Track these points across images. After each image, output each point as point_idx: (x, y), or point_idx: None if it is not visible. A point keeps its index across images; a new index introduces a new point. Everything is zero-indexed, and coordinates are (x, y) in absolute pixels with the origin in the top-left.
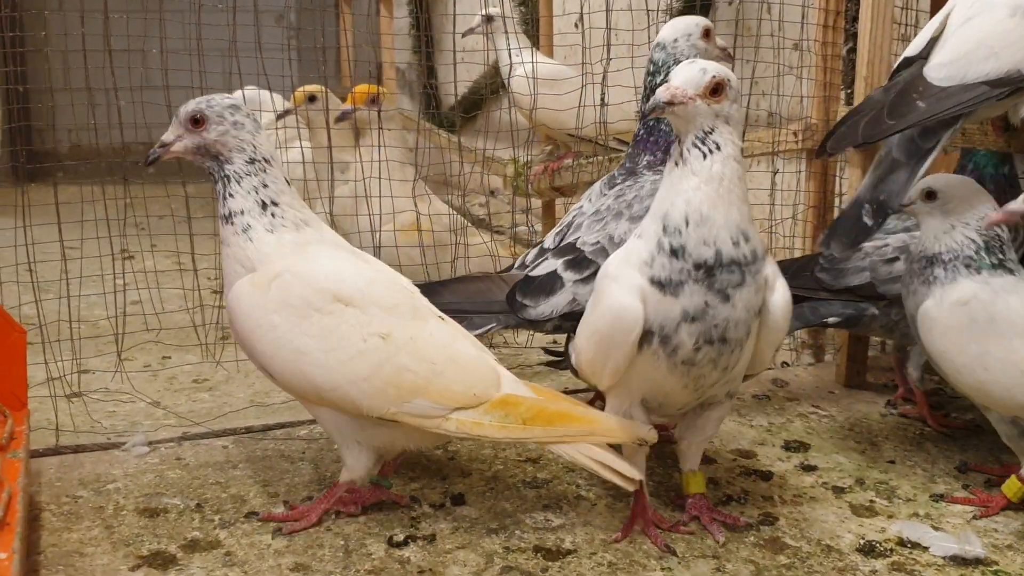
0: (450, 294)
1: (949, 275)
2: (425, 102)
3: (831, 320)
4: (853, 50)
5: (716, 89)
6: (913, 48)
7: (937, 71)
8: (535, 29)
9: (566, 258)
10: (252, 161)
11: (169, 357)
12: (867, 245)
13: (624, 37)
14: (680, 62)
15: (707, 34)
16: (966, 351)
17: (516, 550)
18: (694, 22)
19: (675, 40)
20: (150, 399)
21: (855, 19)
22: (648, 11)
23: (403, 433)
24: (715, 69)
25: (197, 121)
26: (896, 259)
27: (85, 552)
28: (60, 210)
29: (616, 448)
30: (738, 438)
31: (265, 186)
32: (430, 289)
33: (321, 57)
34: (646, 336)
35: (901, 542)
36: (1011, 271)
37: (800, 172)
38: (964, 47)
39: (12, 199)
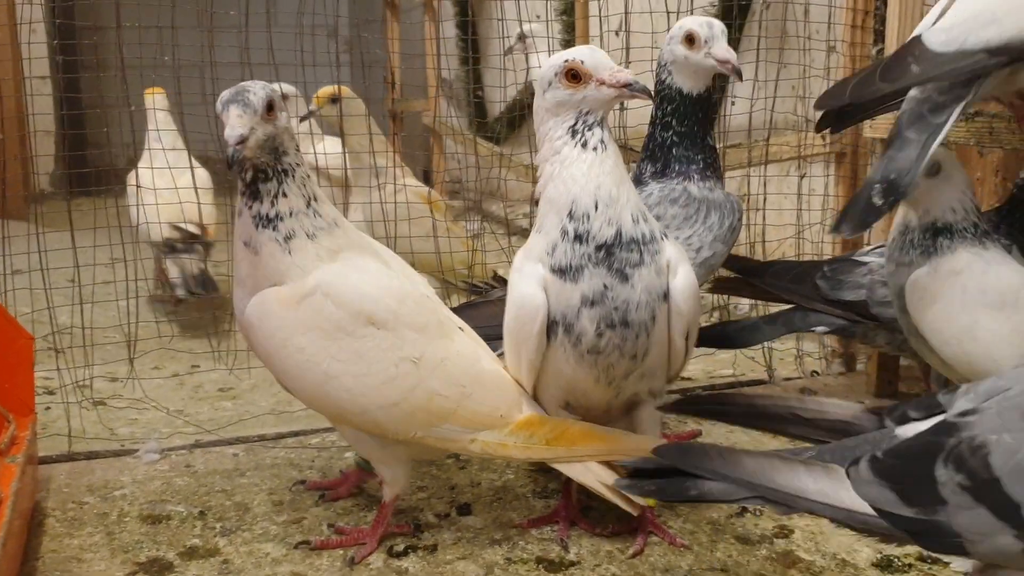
0: (478, 318)
1: (954, 244)
2: (472, 112)
3: (819, 329)
4: (882, 51)
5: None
6: (923, 25)
7: (936, 36)
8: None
9: None
10: (298, 149)
11: (198, 366)
12: (873, 261)
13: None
14: (664, 66)
15: (689, 40)
16: (956, 321)
17: (518, 561)
18: (678, 26)
19: (667, 42)
20: (172, 407)
21: (884, 19)
22: (668, 12)
23: (423, 449)
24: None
25: (271, 108)
26: (884, 283)
27: (83, 558)
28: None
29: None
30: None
31: (308, 176)
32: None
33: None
34: (552, 328)
35: (921, 557)
36: (997, 241)
37: (828, 176)
38: (966, 12)
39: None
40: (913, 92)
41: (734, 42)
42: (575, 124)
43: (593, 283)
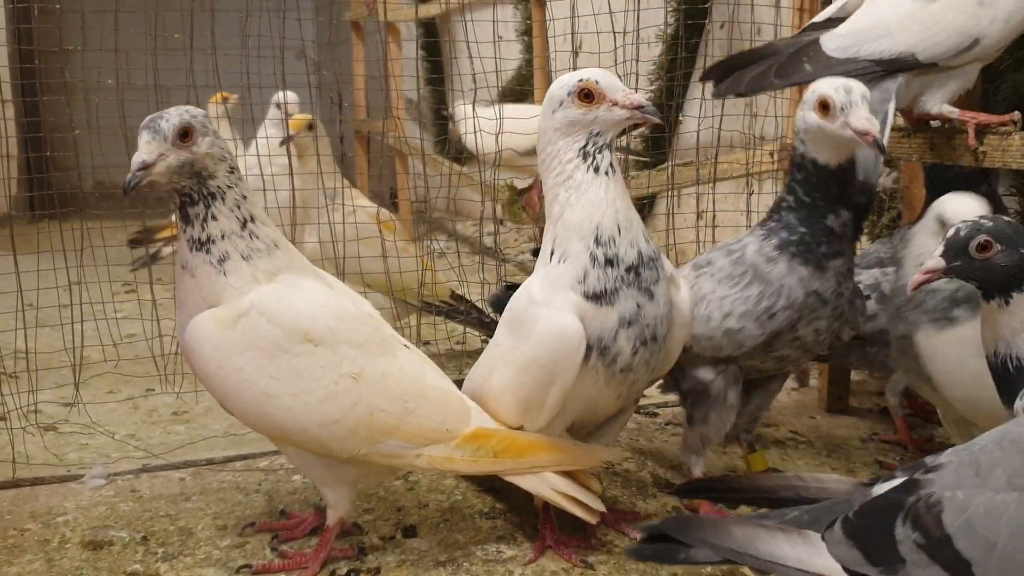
0: None
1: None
2: (437, 132)
3: None
4: None
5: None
6: (825, 14)
7: (833, 41)
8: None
9: None
10: (232, 170)
11: (153, 389)
12: None
13: (605, 60)
14: (797, 134)
15: (823, 107)
16: (967, 366)
17: None
18: (811, 91)
19: (800, 107)
20: (125, 431)
21: None
22: (624, 32)
23: (369, 470)
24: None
25: (185, 134)
26: (868, 297)
27: None
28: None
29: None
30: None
31: (244, 197)
32: None
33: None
34: (586, 353)
35: None
36: None
37: (776, 193)
38: (863, 23)
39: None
40: None
41: (688, 61)
42: (586, 146)
43: (628, 304)
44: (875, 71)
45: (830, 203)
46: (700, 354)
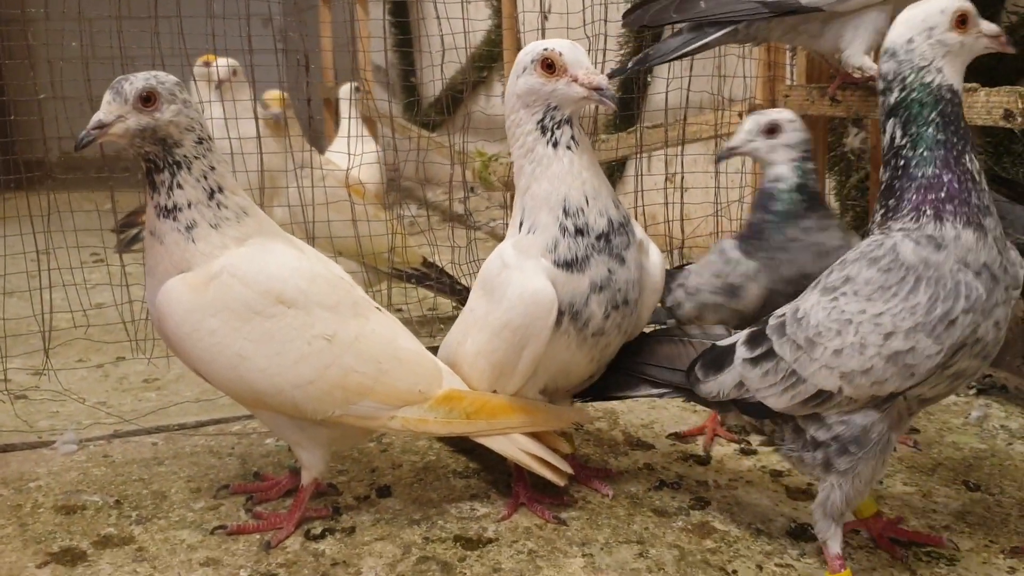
0: (647, 355)
1: None
2: (406, 99)
3: (670, 323)
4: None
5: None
6: None
7: None
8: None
9: (752, 329)
10: (200, 141)
11: (123, 357)
12: (690, 268)
13: (573, 21)
14: (928, 66)
15: (962, 21)
16: None
17: (436, 540)
18: (937, 9)
19: (922, 34)
20: (96, 398)
21: None
22: None
23: (344, 432)
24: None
25: (148, 99)
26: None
27: None
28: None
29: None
30: (679, 423)
31: (212, 168)
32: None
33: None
34: (558, 317)
35: None
36: None
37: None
38: None
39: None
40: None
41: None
42: (543, 119)
43: (599, 270)
44: (762, 12)
45: (965, 138)
46: (854, 397)
